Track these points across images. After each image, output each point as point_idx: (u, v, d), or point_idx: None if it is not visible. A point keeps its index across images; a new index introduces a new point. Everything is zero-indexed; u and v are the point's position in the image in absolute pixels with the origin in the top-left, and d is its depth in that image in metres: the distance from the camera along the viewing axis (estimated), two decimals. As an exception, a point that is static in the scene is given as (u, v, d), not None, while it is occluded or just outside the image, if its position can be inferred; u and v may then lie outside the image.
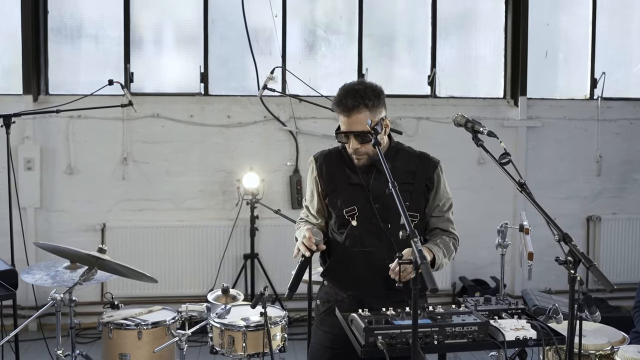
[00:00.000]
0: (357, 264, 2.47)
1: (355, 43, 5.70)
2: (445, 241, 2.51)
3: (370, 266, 2.44)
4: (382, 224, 2.43)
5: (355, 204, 2.46)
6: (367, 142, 2.38)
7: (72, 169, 5.33)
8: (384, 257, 2.36)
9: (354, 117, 2.38)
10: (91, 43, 5.53)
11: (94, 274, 3.06)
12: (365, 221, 2.45)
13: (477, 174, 5.74)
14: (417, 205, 2.48)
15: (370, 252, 2.44)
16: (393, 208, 2.25)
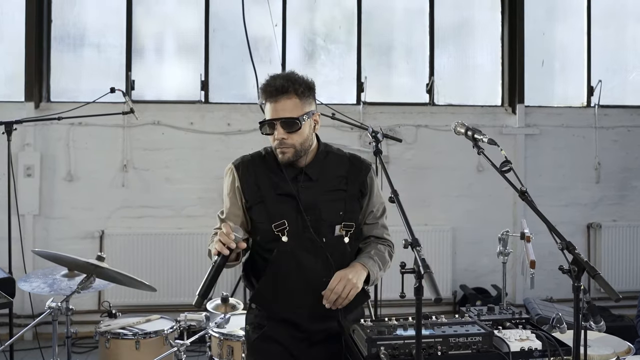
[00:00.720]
0: (290, 284, 2.18)
1: (354, 52, 5.65)
2: (380, 251, 2.28)
3: (306, 285, 2.17)
4: (317, 237, 2.17)
5: (285, 217, 2.17)
6: (294, 131, 2.13)
7: (72, 175, 5.25)
8: (319, 274, 2.15)
9: (282, 102, 2.13)
10: (93, 51, 5.47)
11: (92, 282, 2.98)
12: (297, 236, 2.18)
13: (477, 181, 5.66)
14: (351, 213, 2.24)
15: (305, 270, 2.17)
16: (326, 219, 2.18)
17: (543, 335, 2.10)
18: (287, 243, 2.17)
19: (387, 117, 5.55)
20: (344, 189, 2.24)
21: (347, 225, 2.22)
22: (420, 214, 5.53)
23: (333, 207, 2.21)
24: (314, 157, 2.23)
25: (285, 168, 2.20)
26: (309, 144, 2.19)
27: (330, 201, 2.21)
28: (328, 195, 2.21)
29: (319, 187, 2.21)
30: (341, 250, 2.21)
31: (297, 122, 2.13)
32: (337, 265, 2.17)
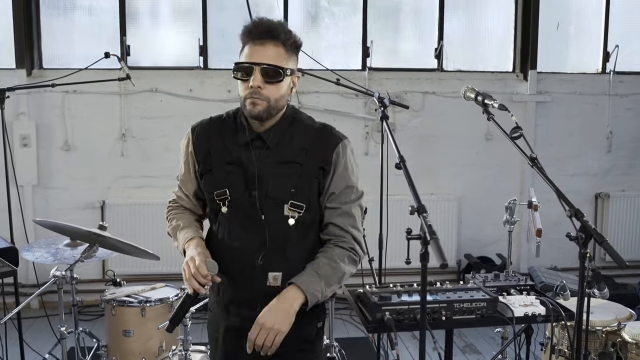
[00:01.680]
0: (224, 262, 2.03)
1: (360, 14, 5.68)
2: (332, 262, 2.00)
3: (237, 265, 2.04)
4: (258, 213, 2.00)
5: (228, 186, 2.02)
6: (274, 82, 1.94)
7: (69, 145, 5.36)
8: (253, 254, 2.01)
9: (267, 47, 1.93)
10: (85, 15, 5.50)
11: (95, 251, 3.11)
12: (238, 208, 2.02)
13: (484, 149, 5.76)
14: (304, 193, 2.01)
15: (237, 248, 2.03)
16: (273, 195, 2.00)
17: (547, 301, 2.23)
18: (225, 215, 2.04)
19: (394, 84, 5.62)
20: (300, 163, 2.00)
21: (295, 205, 1.99)
22: (426, 182, 5.64)
23: (284, 182, 2.00)
24: (277, 122, 2.02)
25: (242, 131, 2.04)
26: (282, 105, 2.01)
27: (282, 175, 2.00)
28: (281, 168, 2.01)
29: (274, 156, 2.01)
30: (284, 234, 2.00)
31: (281, 72, 1.94)
32: (274, 249, 2.00)
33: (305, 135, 2.03)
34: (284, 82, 1.97)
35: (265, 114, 1.96)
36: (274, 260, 2.01)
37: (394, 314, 2.05)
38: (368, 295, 2.13)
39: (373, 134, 5.63)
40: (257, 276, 2.01)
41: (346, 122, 5.58)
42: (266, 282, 2.01)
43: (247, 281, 2.03)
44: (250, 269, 2.01)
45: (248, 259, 2.01)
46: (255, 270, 2.01)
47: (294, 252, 2.02)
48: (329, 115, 5.53)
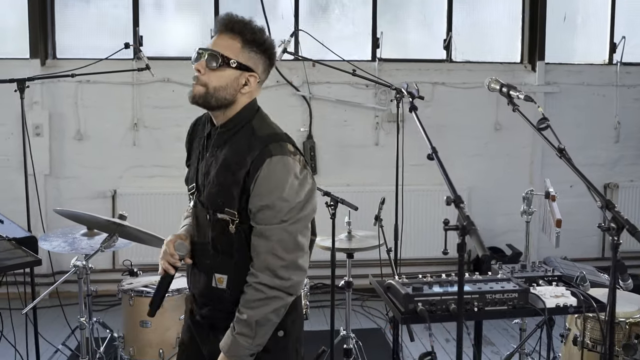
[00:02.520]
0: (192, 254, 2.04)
1: (370, 6, 5.58)
2: (242, 314, 1.84)
3: (194, 260, 2.03)
4: (207, 212, 1.94)
5: (195, 182, 2.01)
6: (213, 68, 1.86)
7: (82, 134, 5.27)
8: (204, 252, 1.97)
9: (221, 37, 1.89)
10: (98, 6, 5.41)
11: (115, 241, 3.04)
12: (196, 205, 2.01)
13: (493, 140, 5.69)
14: (234, 205, 1.88)
15: (194, 244, 2.02)
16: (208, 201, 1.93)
17: (577, 292, 2.16)
18: (193, 209, 2.03)
19: (403, 74, 5.52)
20: (232, 172, 1.88)
21: (229, 213, 1.89)
22: (435, 173, 5.49)
23: (217, 189, 1.91)
24: (228, 120, 1.93)
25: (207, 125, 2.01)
26: (224, 97, 1.89)
27: (218, 181, 1.91)
28: (219, 174, 1.92)
29: (217, 158, 1.93)
30: (227, 238, 1.91)
31: (219, 59, 1.85)
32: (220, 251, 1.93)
33: (247, 142, 1.90)
34: (227, 72, 1.87)
35: (200, 99, 1.88)
36: (219, 262, 1.94)
37: (426, 305, 1.98)
38: (398, 287, 2.06)
39: (383, 124, 5.55)
40: (205, 274, 1.97)
41: (357, 113, 5.51)
42: (212, 283, 1.95)
43: (199, 277, 2.00)
44: (201, 266, 1.99)
45: (202, 257, 1.99)
46: (204, 268, 1.98)
47: (240, 258, 1.91)
48: (340, 106, 5.44)
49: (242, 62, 1.88)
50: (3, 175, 5.13)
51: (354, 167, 5.54)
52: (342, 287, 3.61)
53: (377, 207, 3.76)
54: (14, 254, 2.44)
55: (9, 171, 5.18)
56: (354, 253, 3.51)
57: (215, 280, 1.94)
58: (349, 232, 3.60)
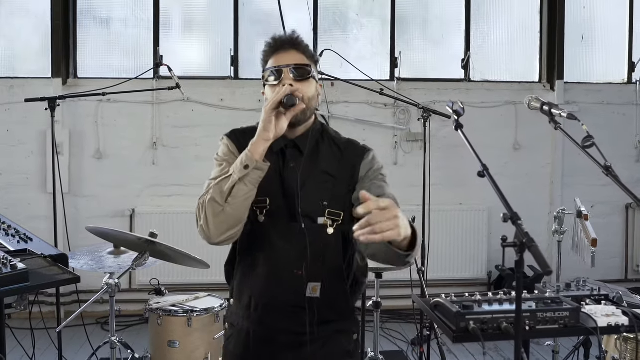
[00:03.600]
0: (258, 271, 1.97)
1: (388, 26, 5.62)
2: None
3: (273, 275, 1.95)
4: (297, 222, 1.93)
5: (268, 195, 1.93)
6: (305, 79, 1.93)
7: (101, 153, 5.28)
8: (291, 264, 1.92)
9: (293, 54, 1.96)
10: (120, 26, 5.46)
11: (146, 259, 3.02)
12: (275, 217, 1.94)
13: (513, 160, 5.67)
14: (340, 204, 1.94)
15: (275, 257, 1.94)
16: (306, 207, 1.92)
17: (629, 311, 2.13)
18: (263, 224, 1.94)
19: (422, 94, 5.53)
20: (332, 174, 1.96)
21: (332, 214, 1.92)
22: (455, 193, 5.56)
23: (320, 192, 1.94)
24: (308, 130, 1.99)
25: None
26: (314, 108, 1.99)
27: (318, 185, 1.95)
28: (316, 178, 1.95)
29: (308, 165, 1.96)
30: (323, 242, 1.93)
31: (309, 69, 1.94)
32: (314, 258, 1.91)
33: (334, 147, 2.00)
34: (312, 83, 1.97)
35: (302, 115, 1.91)
36: (313, 270, 1.92)
37: (477, 323, 1.94)
38: (448, 305, 2.03)
39: (402, 143, 5.54)
40: (296, 287, 1.92)
41: (375, 132, 5.51)
42: (305, 293, 1.93)
43: (285, 292, 1.94)
44: (289, 279, 1.93)
45: (286, 268, 1.93)
46: (294, 280, 1.92)
47: (334, 263, 1.94)
48: (359, 125, 5.45)
49: (315, 73, 2.00)
50: (23, 193, 5.13)
51: (373, 187, 5.51)
52: (370, 309, 3.58)
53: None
54: (51, 271, 2.41)
55: (29, 190, 5.18)
56: (382, 273, 3.47)
57: (309, 289, 1.93)
58: (377, 251, 3.56)
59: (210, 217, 1.84)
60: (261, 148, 1.84)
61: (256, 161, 1.82)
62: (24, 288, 2.20)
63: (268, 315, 1.97)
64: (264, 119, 1.87)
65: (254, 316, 1.99)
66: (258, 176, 1.84)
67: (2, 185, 5.17)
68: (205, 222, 1.85)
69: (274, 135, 1.85)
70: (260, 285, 1.96)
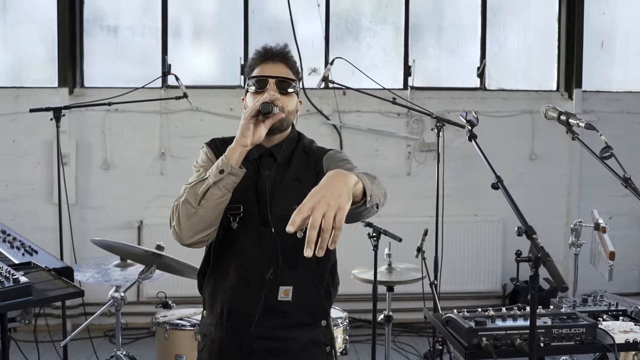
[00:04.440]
0: (230, 278, 2.03)
1: (401, 33, 5.64)
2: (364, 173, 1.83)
3: (244, 280, 2.01)
4: (269, 228, 1.99)
5: (242, 202, 2.01)
6: (288, 93, 2.03)
7: (108, 164, 5.32)
8: (262, 267, 1.99)
9: (278, 65, 2.06)
10: (127, 34, 5.51)
11: (153, 272, 3.03)
12: (247, 223, 2.02)
13: (529, 170, 5.65)
14: None
15: (246, 262, 2.01)
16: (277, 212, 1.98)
17: (647, 327, 2.11)
18: (235, 230, 2.02)
19: (436, 103, 5.53)
20: (300, 180, 2.04)
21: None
22: (469, 204, 5.54)
23: (289, 198, 1.95)
24: (285, 140, 2.10)
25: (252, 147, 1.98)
26: (291, 121, 2.10)
27: (289, 192, 2.01)
28: (288, 185, 2.04)
29: (282, 173, 2.05)
30: (294, 246, 1.92)
31: (293, 84, 2.05)
32: (285, 262, 1.98)
33: (304, 155, 2.10)
34: (294, 98, 2.07)
35: (279, 124, 1.99)
36: (285, 274, 2.01)
37: (490, 340, 1.94)
38: (460, 321, 2.02)
39: (415, 153, 5.54)
40: (267, 291, 2.00)
41: (388, 142, 5.51)
42: (277, 297, 2.01)
43: (257, 297, 2.00)
44: (260, 284, 2.00)
45: (258, 274, 2.01)
46: (265, 284, 1.99)
47: (305, 265, 1.99)
48: (371, 135, 5.46)
49: (297, 88, 2.10)
50: (29, 204, 5.18)
51: (386, 198, 5.51)
52: (382, 322, 3.57)
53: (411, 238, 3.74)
54: (55, 285, 2.43)
55: (35, 201, 5.23)
56: (394, 286, 3.47)
57: (281, 293, 2.01)
58: (389, 264, 3.56)
59: (182, 219, 1.93)
60: (237, 154, 1.91)
61: (231, 166, 1.89)
62: (26, 302, 2.22)
63: (240, 321, 2.03)
64: (242, 125, 1.94)
65: (226, 324, 2.05)
66: (232, 181, 1.91)
67: (8, 196, 5.23)
68: (177, 223, 1.95)
69: (252, 142, 1.92)
70: (232, 291, 2.03)
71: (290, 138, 2.12)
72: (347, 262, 2.20)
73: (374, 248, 3.14)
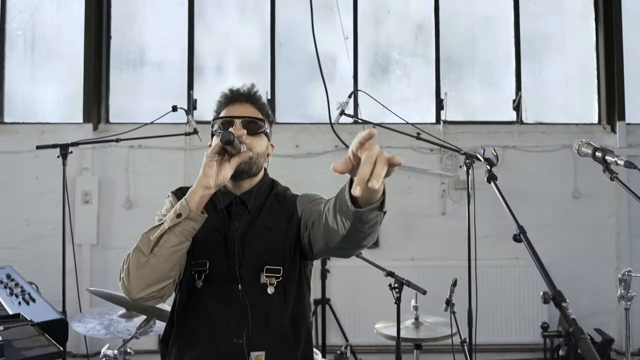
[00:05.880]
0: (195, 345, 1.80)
1: (433, 65, 5.34)
2: None
3: (213, 345, 1.79)
4: (237, 286, 1.79)
5: (209, 258, 1.81)
6: (256, 133, 1.86)
7: (131, 202, 5.13)
8: (231, 331, 1.77)
9: (245, 106, 1.91)
10: (153, 70, 5.39)
11: (152, 325, 2.76)
12: (214, 280, 1.81)
13: (573, 209, 5.21)
14: (278, 256, 1.82)
15: (214, 326, 1.79)
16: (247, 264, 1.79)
17: None
18: (200, 289, 1.80)
19: (470, 138, 5.19)
20: (271, 227, 1.86)
21: (271, 270, 1.79)
22: (509, 246, 4.99)
23: (257, 250, 1.82)
24: (256, 185, 1.93)
25: (217, 195, 1.87)
26: (261, 165, 1.93)
27: (259, 242, 1.83)
28: (255, 236, 1.84)
29: (253, 224, 1.86)
30: (265, 305, 1.78)
31: (262, 123, 1.90)
32: (256, 324, 1.76)
33: (277, 202, 1.93)
34: (264, 139, 1.91)
35: (246, 166, 1.83)
36: (256, 338, 1.78)
37: None
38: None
39: (450, 191, 5.18)
40: (237, 357, 1.76)
41: (421, 179, 5.17)
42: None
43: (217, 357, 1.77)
44: (229, 349, 1.76)
45: (226, 338, 1.78)
46: (234, 351, 1.76)
47: (277, 326, 1.80)
48: (403, 172, 5.12)
49: (267, 131, 1.94)
50: (49, 244, 4.99)
51: (419, 239, 5.15)
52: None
53: (445, 284, 3.37)
54: (35, 343, 2.19)
55: (55, 240, 5.02)
56: (422, 344, 3.10)
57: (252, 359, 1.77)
58: (416, 318, 3.20)
59: (132, 269, 1.70)
60: (198, 196, 1.69)
61: (190, 210, 1.65)
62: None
63: None
64: (204, 164, 1.72)
65: None
66: (191, 227, 1.68)
67: (31, 235, 5.07)
68: (126, 274, 1.70)
69: (216, 184, 1.70)
70: (201, 355, 1.79)
71: (262, 184, 1.94)
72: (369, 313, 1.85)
73: (396, 301, 2.79)
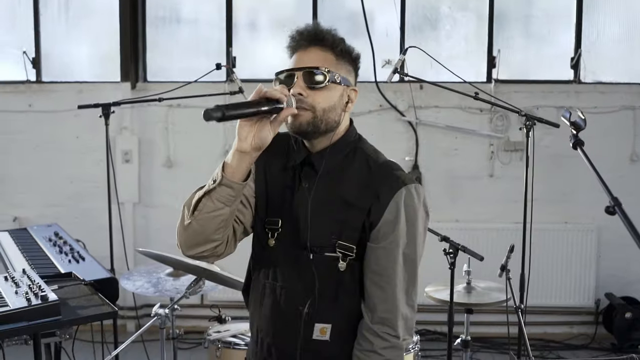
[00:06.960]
0: (263, 303, 1.78)
1: (485, 21, 5.16)
2: None
3: (275, 310, 1.75)
4: (306, 253, 1.70)
5: (281, 215, 1.74)
6: (317, 87, 1.64)
7: (172, 161, 5.15)
8: (295, 298, 1.71)
9: (313, 52, 1.67)
10: (190, 28, 5.35)
11: (202, 285, 2.79)
12: (285, 242, 1.74)
13: (630, 173, 5.06)
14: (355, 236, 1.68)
15: (282, 290, 1.74)
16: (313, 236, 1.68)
17: None
18: (273, 248, 1.75)
19: (523, 98, 5.03)
20: (350, 201, 1.69)
21: (343, 247, 1.67)
22: (559, 210, 5.04)
23: (326, 226, 1.70)
24: (333, 144, 1.72)
25: (297, 149, 1.75)
26: (334, 120, 1.68)
27: (327, 216, 1.70)
28: (327, 207, 1.70)
29: (323, 188, 1.71)
30: (335, 280, 1.70)
31: (324, 75, 1.64)
32: (323, 295, 1.69)
33: (363, 169, 1.72)
34: (333, 90, 1.67)
35: (308, 126, 1.65)
36: (322, 310, 1.71)
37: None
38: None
39: (499, 153, 5.07)
40: (301, 327, 1.71)
41: (469, 140, 5.07)
42: (311, 335, 1.71)
43: (290, 331, 1.73)
44: (294, 317, 1.72)
45: (292, 304, 1.72)
46: (300, 319, 1.71)
47: (347, 302, 1.71)
48: (450, 133, 5.03)
49: (343, 75, 1.71)
50: (92, 202, 5.06)
51: (465, 202, 5.08)
52: (458, 348, 3.18)
53: (494, 247, 3.33)
54: (90, 302, 2.22)
55: (98, 198, 5.06)
56: (473, 308, 3.07)
57: (317, 331, 1.71)
58: (468, 282, 3.16)
59: (180, 227, 1.74)
60: (234, 162, 1.60)
61: (223, 176, 1.60)
62: (54, 323, 2.00)
63: (272, 356, 1.78)
64: (238, 125, 1.59)
65: (260, 355, 1.82)
66: (227, 194, 1.62)
67: (72, 194, 5.15)
68: (178, 231, 1.76)
69: (253, 147, 1.57)
70: (265, 320, 1.78)
71: (340, 143, 1.73)
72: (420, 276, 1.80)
73: (451, 266, 2.75)
